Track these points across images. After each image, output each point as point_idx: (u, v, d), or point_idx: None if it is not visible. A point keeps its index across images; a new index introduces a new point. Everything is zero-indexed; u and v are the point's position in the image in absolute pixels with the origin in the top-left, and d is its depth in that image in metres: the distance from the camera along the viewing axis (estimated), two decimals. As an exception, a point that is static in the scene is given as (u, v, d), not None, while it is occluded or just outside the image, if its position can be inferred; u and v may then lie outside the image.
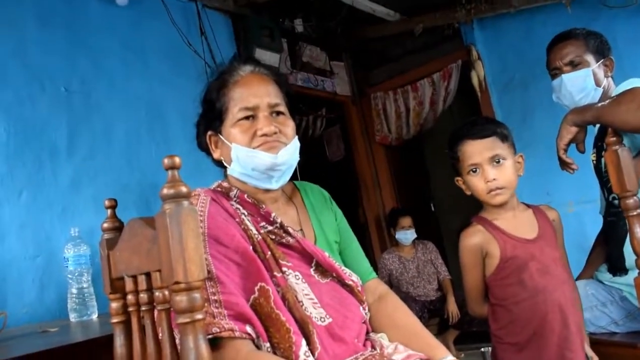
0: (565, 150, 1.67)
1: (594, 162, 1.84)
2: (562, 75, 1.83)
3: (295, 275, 1.21)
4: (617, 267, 1.72)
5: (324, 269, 1.27)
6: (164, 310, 0.97)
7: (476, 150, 1.55)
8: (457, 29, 3.85)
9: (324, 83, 3.98)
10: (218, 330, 1.01)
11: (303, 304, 1.17)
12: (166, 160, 0.89)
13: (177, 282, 0.85)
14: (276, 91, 1.30)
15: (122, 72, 2.68)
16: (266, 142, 1.24)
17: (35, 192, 2.23)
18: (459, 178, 1.63)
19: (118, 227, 1.17)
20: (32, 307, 2.10)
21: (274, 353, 1.09)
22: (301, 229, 1.33)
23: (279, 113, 1.29)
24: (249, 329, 1.06)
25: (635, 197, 1.47)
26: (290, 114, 1.33)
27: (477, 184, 1.56)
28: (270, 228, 1.24)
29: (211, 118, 1.31)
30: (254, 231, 1.21)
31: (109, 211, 1.19)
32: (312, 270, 1.25)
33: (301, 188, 1.45)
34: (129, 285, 1.08)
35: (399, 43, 4.20)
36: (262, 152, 1.23)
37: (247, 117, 1.25)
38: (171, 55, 2.90)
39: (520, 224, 1.57)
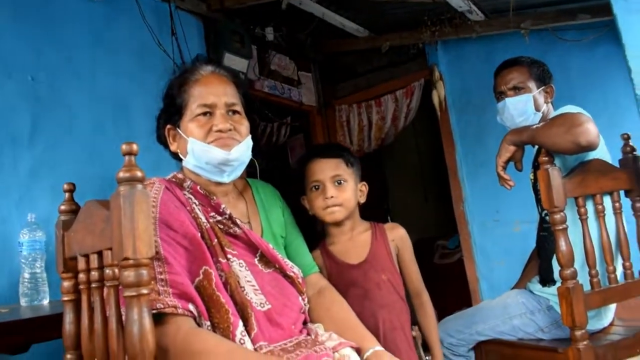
0: (504, 167, 1.79)
1: (532, 181, 1.97)
2: (506, 99, 1.97)
3: (240, 263, 1.29)
4: (547, 279, 1.85)
5: (267, 260, 1.36)
6: (113, 286, 1.03)
7: (320, 169, 1.65)
8: (422, 49, 3.99)
9: (290, 92, 4.07)
10: (162, 306, 1.09)
11: (244, 289, 1.26)
12: (124, 146, 0.97)
13: (126, 258, 0.92)
14: (234, 92, 1.40)
15: (90, 66, 2.70)
16: (220, 137, 1.32)
17: (-6, 177, 2.24)
18: (304, 197, 1.70)
19: (74, 210, 1.23)
20: (-15, 291, 2.11)
21: (214, 331, 1.16)
22: (249, 222, 1.42)
23: (235, 112, 1.38)
24: (191, 307, 1.13)
25: (562, 213, 1.60)
26: (246, 114, 1.42)
27: (315, 199, 1.65)
28: (219, 218, 1.33)
29: (171, 112, 1.39)
30: (203, 219, 1.29)
31: (67, 195, 1.25)
32: (256, 260, 1.35)
33: (253, 185, 1.55)
34: (81, 264, 1.14)
35: (365, 59, 4.32)
36: (215, 148, 1.31)
37: (204, 114, 1.34)
38: (141, 53, 2.94)
39: (352, 247, 1.67)
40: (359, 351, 1.29)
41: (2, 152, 2.29)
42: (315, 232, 1.77)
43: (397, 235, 1.70)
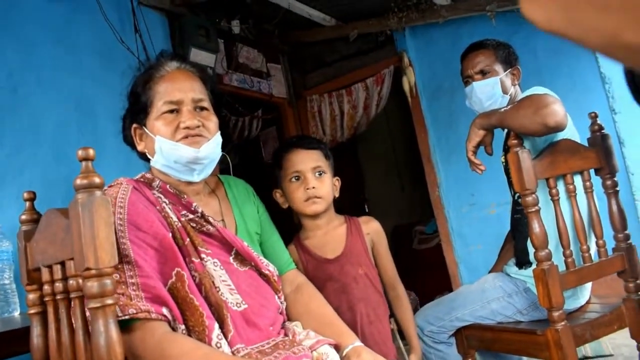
0: (474, 152, 1.79)
1: (504, 164, 1.98)
2: (473, 82, 1.96)
3: (214, 262, 1.26)
4: (522, 261, 1.85)
5: (242, 258, 1.33)
6: (78, 297, 1.00)
7: (301, 159, 1.63)
8: (390, 36, 3.98)
9: (260, 84, 4.02)
10: (135, 311, 1.05)
11: (219, 290, 1.23)
12: (80, 152, 0.93)
13: (88, 269, 0.89)
14: (201, 87, 1.35)
15: (52, 66, 2.63)
16: (188, 134, 1.28)
17: (-44, 187, 2.17)
18: (277, 190, 1.68)
19: (36, 220, 1.18)
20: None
21: (189, 335, 1.13)
22: (222, 219, 1.38)
23: (202, 108, 1.33)
24: (165, 311, 1.10)
25: (533, 195, 1.60)
26: (214, 110, 1.38)
27: (295, 191, 1.63)
28: (191, 217, 1.29)
29: (136, 111, 1.34)
30: (174, 219, 1.25)
31: (27, 204, 1.21)
32: (231, 258, 1.31)
33: (225, 181, 1.51)
34: (45, 275, 1.10)
35: (334, 48, 4.30)
36: (184, 146, 1.27)
37: (171, 111, 1.29)
38: (104, 52, 2.87)
39: (328, 241, 1.66)
40: (337, 347, 1.27)
41: (-36, 160, 2.22)
42: (290, 227, 1.75)
43: (372, 229, 1.69)
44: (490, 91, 1.93)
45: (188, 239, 1.24)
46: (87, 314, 0.95)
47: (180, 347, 1.07)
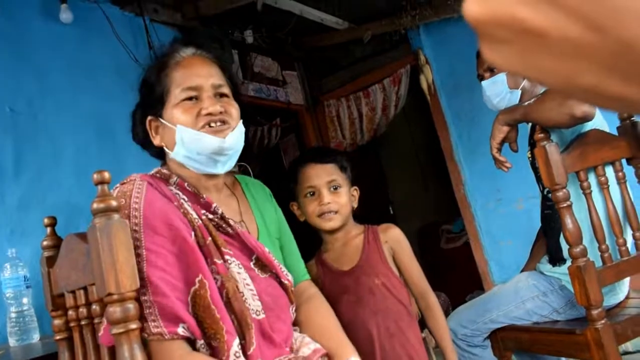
0: (499, 149, 1.74)
1: (530, 159, 1.92)
2: (482, 82, 1.95)
3: (238, 264, 1.19)
4: (556, 258, 1.79)
5: (263, 264, 1.25)
6: (101, 322, 0.98)
7: (315, 174, 1.59)
8: (404, 34, 3.93)
9: (277, 93, 4.01)
10: (146, 335, 1.00)
11: (244, 295, 1.16)
12: (95, 176, 0.92)
13: (109, 294, 0.87)
14: (220, 74, 1.27)
15: (69, 90, 2.65)
16: (211, 121, 1.20)
17: (-18, 214, 2.19)
18: (294, 203, 1.65)
19: (58, 245, 1.18)
20: (-22, 332, 2.06)
21: (209, 347, 1.08)
22: (242, 220, 1.31)
23: (223, 95, 1.25)
24: (180, 330, 1.04)
25: (564, 190, 1.55)
26: (234, 99, 1.29)
27: (311, 206, 1.59)
28: (211, 217, 1.22)
29: (151, 102, 1.25)
30: (194, 215, 1.17)
31: (49, 229, 1.20)
32: (252, 263, 1.24)
33: (242, 181, 1.44)
34: (69, 300, 1.09)
35: (348, 51, 4.26)
36: (209, 135, 1.18)
37: (190, 98, 1.21)
38: (119, 72, 2.88)
39: (345, 253, 1.61)
40: (330, 358, 1.22)
41: (-12, 186, 2.24)
42: (310, 239, 1.71)
43: (391, 236, 1.63)
44: (497, 88, 1.93)
45: (210, 238, 1.16)
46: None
47: None
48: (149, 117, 1.26)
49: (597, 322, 1.51)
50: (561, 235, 1.70)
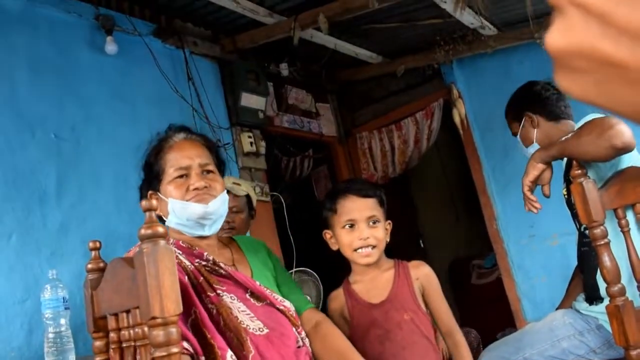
0: (531, 188, 1.72)
1: (565, 196, 1.91)
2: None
3: (231, 297, 1.37)
4: (593, 296, 1.76)
5: (258, 296, 1.43)
6: (143, 345, 1.01)
7: (357, 207, 1.59)
8: (437, 69, 3.97)
9: (310, 124, 4.07)
10: None
11: (239, 318, 1.32)
12: (144, 203, 0.96)
13: (153, 318, 0.90)
14: (206, 154, 1.51)
15: (110, 119, 2.74)
16: (197, 194, 1.42)
17: (25, 236, 2.26)
18: (327, 231, 1.66)
19: (101, 268, 1.22)
20: (20, 351, 2.11)
21: None
22: (233, 265, 1.49)
23: (208, 171, 1.49)
24: (186, 345, 1.18)
25: (602, 227, 1.53)
26: (218, 172, 1.53)
27: (348, 238, 1.59)
28: (204, 263, 1.41)
29: (151, 179, 1.51)
30: (187, 263, 1.37)
31: (93, 253, 1.24)
32: (247, 295, 1.42)
33: (237, 239, 1.66)
34: (111, 323, 1.12)
35: (382, 84, 4.32)
36: (194, 204, 1.42)
37: (180, 176, 1.45)
38: (159, 102, 2.98)
39: (375, 286, 1.61)
40: None
41: (31, 209, 2.32)
42: (338, 267, 1.74)
43: (422, 273, 1.63)
44: (522, 148, 2.07)
45: (202, 278, 1.36)
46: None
47: None
48: (150, 192, 1.51)
49: (637, 364, 1.47)
50: (598, 273, 1.68)
